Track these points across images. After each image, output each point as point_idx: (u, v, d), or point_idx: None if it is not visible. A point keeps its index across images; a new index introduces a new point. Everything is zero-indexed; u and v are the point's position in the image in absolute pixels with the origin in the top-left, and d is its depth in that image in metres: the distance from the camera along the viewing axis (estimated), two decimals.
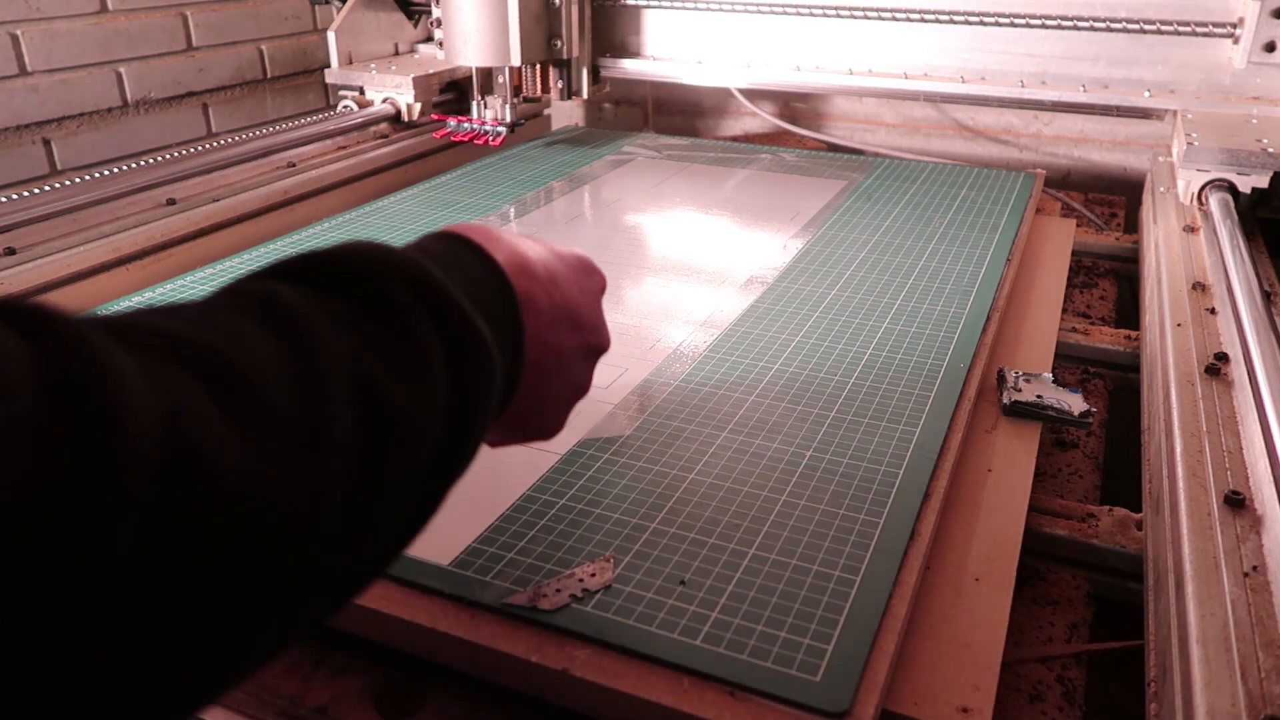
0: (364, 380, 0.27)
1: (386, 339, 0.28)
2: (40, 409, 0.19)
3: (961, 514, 0.54)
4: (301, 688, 0.43)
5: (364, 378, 0.27)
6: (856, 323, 0.73)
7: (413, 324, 0.29)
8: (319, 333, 0.27)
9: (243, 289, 0.28)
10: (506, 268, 0.36)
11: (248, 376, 0.24)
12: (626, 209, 1.02)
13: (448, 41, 1.16)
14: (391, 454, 0.28)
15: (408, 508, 0.30)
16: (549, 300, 0.39)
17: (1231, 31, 1.05)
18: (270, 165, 1.10)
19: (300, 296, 0.28)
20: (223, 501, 0.22)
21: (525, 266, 0.38)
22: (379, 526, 0.28)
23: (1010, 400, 0.64)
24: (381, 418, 0.27)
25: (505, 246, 0.38)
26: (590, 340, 0.43)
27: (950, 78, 1.19)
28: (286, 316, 0.26)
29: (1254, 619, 0.41)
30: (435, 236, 0.37)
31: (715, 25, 1.29)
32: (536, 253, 0.40)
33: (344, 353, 0.27)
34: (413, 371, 0.29)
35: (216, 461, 0.22)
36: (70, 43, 1.18)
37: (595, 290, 0.45)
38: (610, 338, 0.45)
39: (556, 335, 0.40)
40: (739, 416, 0.59)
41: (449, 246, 0.36)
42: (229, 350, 0.24)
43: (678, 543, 0.47)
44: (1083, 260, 1.01)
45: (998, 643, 0.44)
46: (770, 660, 0.40)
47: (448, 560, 0.46)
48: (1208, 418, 0.57)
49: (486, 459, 0.55)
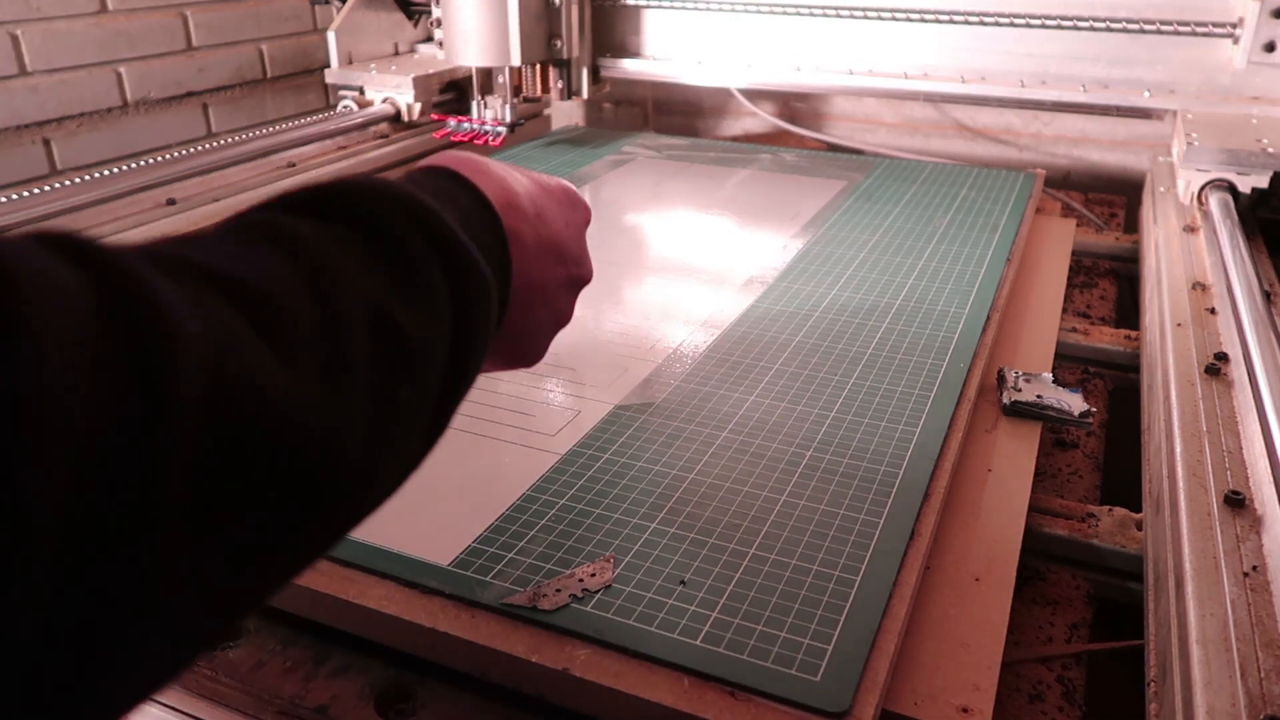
0: (377, 309, 0.27)
1: (393, 269, 0.29)
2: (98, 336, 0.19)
3: (961, 514, 0.54)
4: (301, 688, 0.43)
5: (377, 306, 0.27)
6: (856, 323, 0.73)
7: (416, 254, 0.30)
8: (333, 262, 0.27)
9: (251, 221, 0.28)
10: (495, 203, 0.37)
11: (276, 305, 0.24)
12: (626, 209, 1.02)
13: (448, 41, 1.16)
14: (405, 380, 0.28)
15: (420, 432, 0.31)
16: (534, 235, 0.40)
17: (1231, 31, 1.05)
18: (270, 165, 1.10)
19: (310, 228, 0.28)
20: (269, 427, 0.22)
21: (512, 202, 0.39)
22: (396, 450, 0.29)
23: (1010, 400, 0.64)
24: (396, 345, 0.28)
25: (495, 181, 0.38)
26: (573, 272, 0.44)
27: (950, 78, 1.19)
28: (301, 246, 0.27)
29: (1254, 619, 0.41)
30: (426, 171, 0.37)
31: (715, 25, 1.29)
32: (524, 187, 0.41)
33: (357, 282, 0.27)
34: (420, 301, 0.29)
35: (264, 388, 0.22)
36: (70, 43, 1.18)
37: (580, 223, 0.45)
38: (593, 270, 0.46)
39: (541, 269, 0.41)
40: (739, 416, 0.60)
41: (441, 180, 0.36)
42: (255, 279, 0.24)
43: (678, 543, 0.47)
44: (1083, 260, 1.01)
45: (998, 643, 0.44)
46: (770, 660, 0.40)
47: (448, 560, 0.46)
48: (1208, 418, 0.57)
49: (487, 459, 0.55)
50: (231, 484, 0.21)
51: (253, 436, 0.22)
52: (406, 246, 0.30)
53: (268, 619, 0.46)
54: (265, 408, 0.22)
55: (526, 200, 0.40)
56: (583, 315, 0.76)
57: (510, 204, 0.38)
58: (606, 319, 0.75)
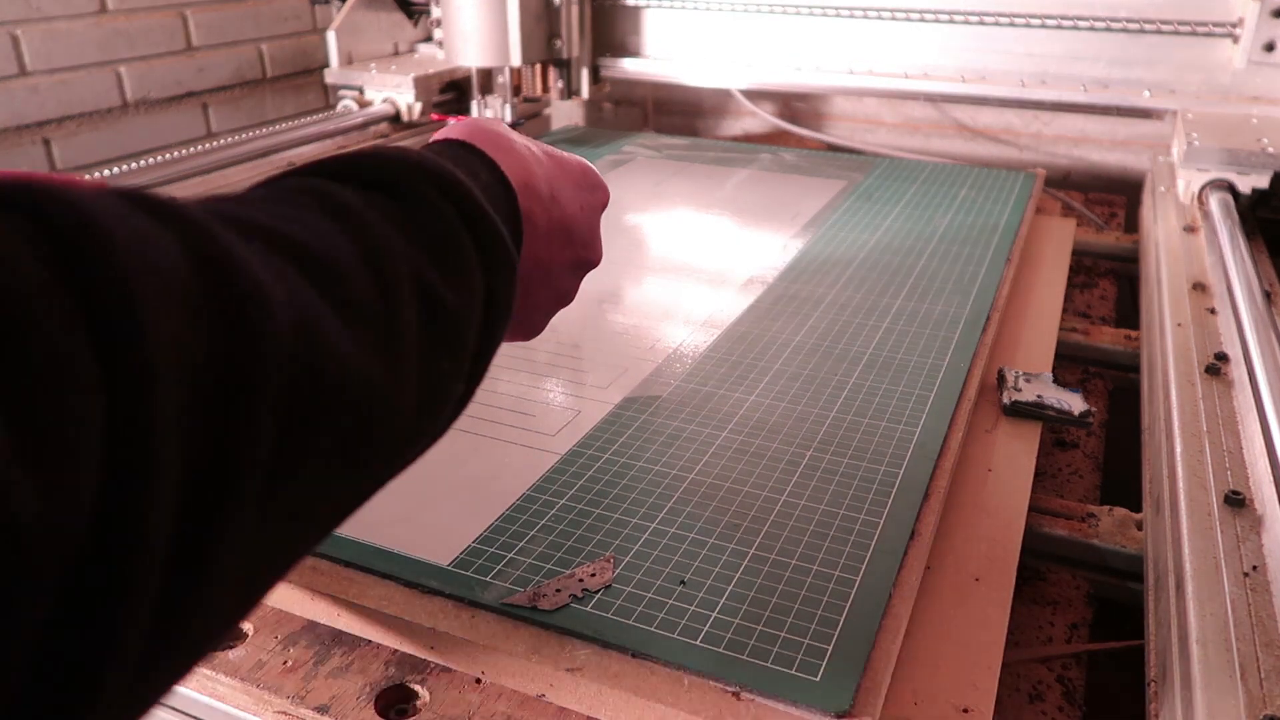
0: (422, 280, 0.28)
1: (432, 241, 0.29)
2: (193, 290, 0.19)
3: (961, 514, 0.54)
4: (301, 688, 0.43)
5: (421, 278, 0.28)
6: (856, 323, 0.73)
7: (450, 227, 0.30)
8: (380, 232, 0.27)
9: (295, 186, 0.28)
10: (513, 182, 0.37)
11: (338, 274, 0.24)
12: (626, 209, 1.02)
13: (448, 41, 1.16)
14: (446, 353, 0.29)
15: (452, 405, 0.31)
16: (546, 217, 0.40)
17: (1231, 31, 1.05)
18: (270, 165, 1.10)
19: (354, 196, 0.28)
20: (341, 386, 0.23)
21: (529, 182, 0.39)
22: (435, 421, 0.30)
23: (1010, 400, 0.64)
24: (438, 317, 0.28)
25: (514, 159, 0.38)
26: (582, 255, 0.44)
27: (950, 78, 1.19)
28: (350, 215, 0.27)
29: (1254, 619, 0.41)
30: (447, 143, 0.37)
31: (715, 25, 1.29)
32: (542, 167, 0.40)
33: (400, 250, 0.28)
34: (457, 274, 0.30)
35: (337, 347, 0.23)
36: (70, 43, 1.18)
37: (595, 205, 0.45)
38: (603, 253, 0.46)
39: (549, 250, 0.41)
40: (739, 416, 0.59)
41: (462, 153, 0.36)
42: (315, 246, 0.25)
43: (678, 543, 0.47)
44: (1083, 260, 1.01)
45: (998, 643, 0.44)
46: (770, 660, 0.40)
47: (448, 560, 0.46)
48: (1208, 418, 0.57)
49: (487, 459, 0.55)
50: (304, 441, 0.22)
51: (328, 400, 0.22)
52: (442, 219, 0.30)
53: (268, 619, 0.46)
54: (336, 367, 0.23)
55: (543, 180, 0.40)
56: (583, 315, 0.76)
57: (527, 184, 0.38)
58: (606, 319, 0.75)
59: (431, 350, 0.28)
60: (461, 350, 0.30)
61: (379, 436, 0.25)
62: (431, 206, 0.30)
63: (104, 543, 0.17)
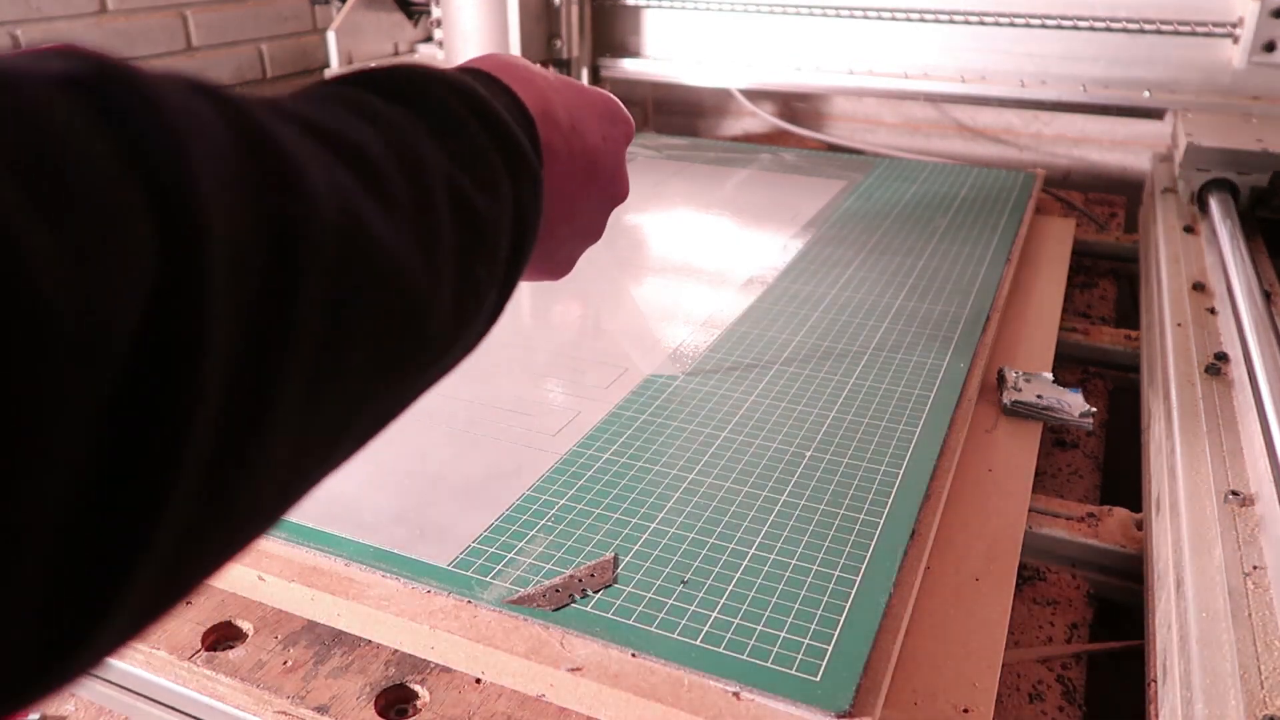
0: (453, 184, 0.28)
1: (459, 145, 0.29)
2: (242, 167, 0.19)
3: (961, 514, 0.54)
4: (301, 688, 0.43)
5: (452, 182, 0.28)
6: (856, 322, 0.73)
7: (476, 137, 0.30)
8: (411, 137, 0.27)
9: (327, 93, 0.28)
10: (532, 111, 0.37)
11: (373, 163, 0.24)
12: (626, 209, 1.02)
13: (448, 42, 1.16)
14: (479, 257, 0.29)
15: (485, 315, 0.31)
16: (567, 148, 0.39)
17: (1231, 31, 1.05)
18: None
19: (383, 105, 0.28)
20: (384, 273, 0.23)
21: (549, 111, 0.38)
22: (469, 328, 0.30)
23: (1010, 400, 0.64)
24: (470, 221, 0.28)
25: (534, 90, 0.38)
26: (607, 189, 0.43)
27: (950, 78, 1.19)
28: (383, 121, 0.27)
29: (1254, 619, 0.41)
30: (468, 71, 0.37)
31: (715, 25, 1.29)
32: (563, 97, 0.40)
33: (431, 154, 0.28)
34: (485, 180, 0.30)
35: (380, 233, 0.23)
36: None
37: (619, 137, 0.44)
38: (629, 187, 0.45)
39: (571, 184, 0.40)
40: (739, 416, 0.60)
41: (484, 80, 0.36)
42: (349, 134, 0.24)
43: (678, 543, 0.47)
44: (1083, 260, 1.01)
45: (998, 643, 0.44)
46: (770, 660, 0.40)
47: (448, 560, 0.46)
48: (1208, 418, 0.57)
49: (487, 459, 0.55)
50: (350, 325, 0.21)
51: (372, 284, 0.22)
52: (468, 129, 0.30)
53: (268, 619, 0.46)
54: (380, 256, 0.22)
55: (563, 111, 0.39)
56: (583, 315, 0.76)
57: (546, 113, 0.38)
58: (607, 319, 0.75)
59: (467, 252, 0.28)
60: (494, 257, 0.30)
61: (418, 330, 0.25)
62: (458, 117, 0.30)
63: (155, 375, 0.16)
